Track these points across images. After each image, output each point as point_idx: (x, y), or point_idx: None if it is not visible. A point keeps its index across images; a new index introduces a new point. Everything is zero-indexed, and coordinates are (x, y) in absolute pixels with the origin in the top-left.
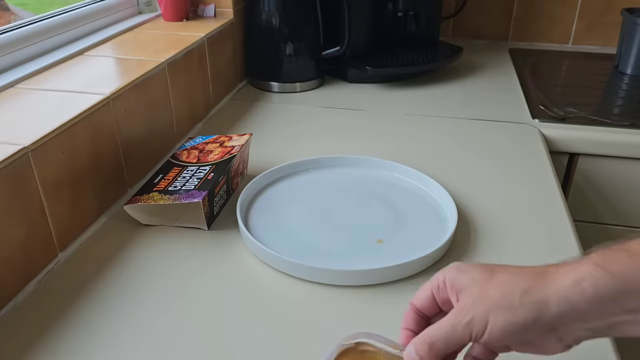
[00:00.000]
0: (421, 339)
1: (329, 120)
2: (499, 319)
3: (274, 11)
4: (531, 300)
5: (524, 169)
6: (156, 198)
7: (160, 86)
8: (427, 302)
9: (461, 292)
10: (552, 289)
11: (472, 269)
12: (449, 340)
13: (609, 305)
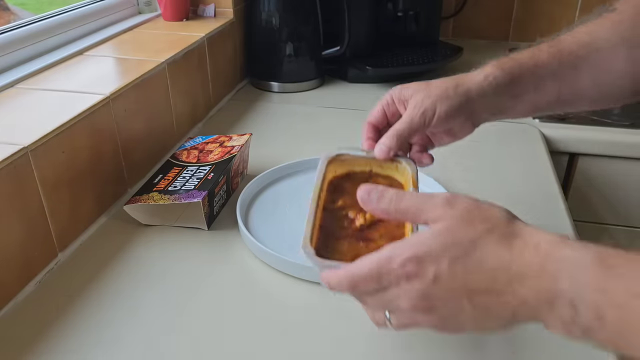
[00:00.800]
0: (389, 134)
1: (329, 120)
2: (442, 106)
3: (274, 11)
4: (461, 91)
5: (525, 169)
6: (156, 198)
7: (160, 86)
8: (379, 117)
9: (408, 100)
10: (471, 82)
11: (411, 85)
12: (411, 128)
13: (503, 91)
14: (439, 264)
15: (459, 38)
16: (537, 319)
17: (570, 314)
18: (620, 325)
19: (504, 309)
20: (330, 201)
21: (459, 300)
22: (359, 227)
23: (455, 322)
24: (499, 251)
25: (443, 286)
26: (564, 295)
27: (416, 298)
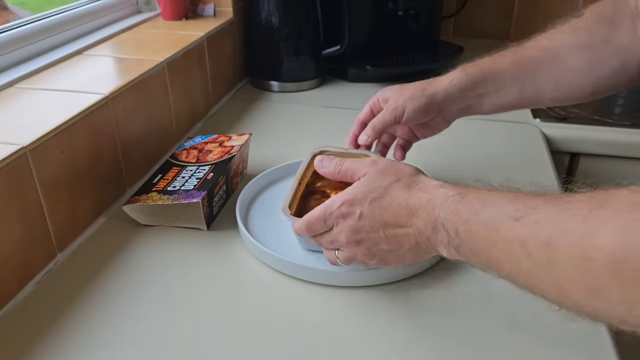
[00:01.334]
0: (367, 127)
1: (329, 120)
2: (411, 105)
3: (273, 10)
4: (428, 93)
5: (526, 169)
6: (155, 198)
7: (160, 86)
8: (366, 114)
9: (387, 100)
10: (438, 86)
11: (391, 87)
12: (384, 122)
13: (467, 91)
14: (363, 205)
15: (460, 37)
16: (431, 244)
17: (445, 235)
18: (468, 236)
19: (408, 238)
20: (311, 182)
21: (377, 232)
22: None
23: (379, 253)
24: (401, 194)
25: (366, 221)
26: (439, 220)
27: (349, 232)
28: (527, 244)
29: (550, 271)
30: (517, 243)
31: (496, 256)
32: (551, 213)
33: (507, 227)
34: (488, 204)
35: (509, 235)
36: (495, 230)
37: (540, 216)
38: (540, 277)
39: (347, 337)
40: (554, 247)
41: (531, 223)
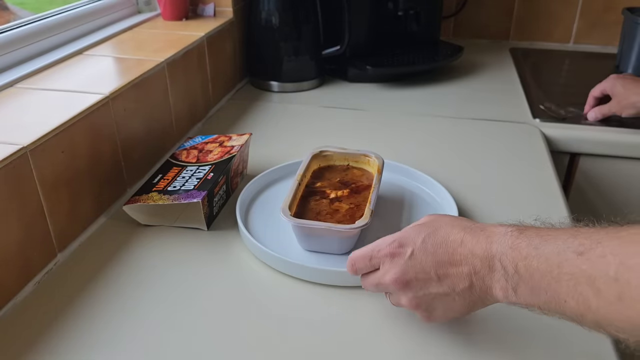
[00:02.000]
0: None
1: (329, 120)
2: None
3: (273, 10)
4: None
5: (525, 169)
6: (155, 198)
7: (160, 86)
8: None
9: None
10: None
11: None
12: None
13: None
14: (414, 243)
15: (460, 37)
16: (486, 286)
17: (502, 273)
18: (528, 272)
19: (461, 279)
20: (311, 183)
21: (428, 272)
22: (331, 198)
23: (426, 298)
24: (456, 231)
25: (417, 261)
26: (496, 256)
27: (397, 273)
28: (595, 280)
29: (621, 307)
30: (584, 279)
31: (560, 294)
32: (616, 246)
33: (571, 262)
34: (549, 239)
35: (574, 271)
36: (558, 266)
37: (605, 250)
38: (610, 314)
39: (348, 336)
40: (623, 282)
41: (597, 257)
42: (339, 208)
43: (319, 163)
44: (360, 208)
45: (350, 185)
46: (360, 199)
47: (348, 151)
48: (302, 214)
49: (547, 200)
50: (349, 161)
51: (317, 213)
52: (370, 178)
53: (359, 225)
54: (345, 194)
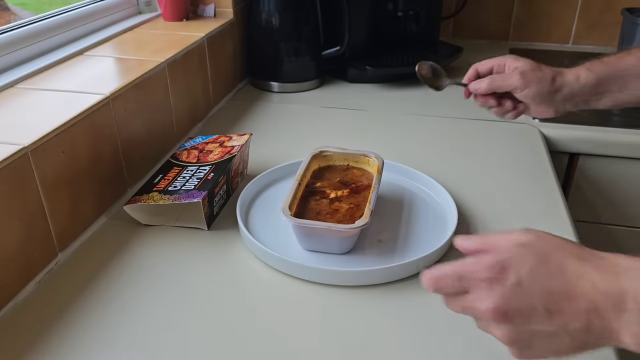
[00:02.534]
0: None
1: (329, 120)
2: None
3: (274, 11)
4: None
5: (525, 169)
6: (156, 198)
7: (160, 86)
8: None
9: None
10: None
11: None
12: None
13: (590, 90)
14: (520, 269)
15: (459, 38)
16: (608, 329)
17: (636, 316)
18: None
19: (577, 316)
20: (311, 183)
21: (534, 304)
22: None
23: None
24: (573, 260)
25: (523, 289)
26: (629, 292)
27: (497, 301)
28: None
29: None
30: None
31: None
32: None
33: None
34: None
35: None
36: None
37: None
38: None
39: (347, 335)
40: None
41: None
42: (339, 208)
43: (319, 163)
44: (360, 208)
45: (350, 185)
46: (360, 199)
47: (348, 151)
48: (302, 214)
49: (547, 201)
50: (348, 161)
51: (317, 213)
52: (370, 178)
53: (358, 225)
54: (345, 194)
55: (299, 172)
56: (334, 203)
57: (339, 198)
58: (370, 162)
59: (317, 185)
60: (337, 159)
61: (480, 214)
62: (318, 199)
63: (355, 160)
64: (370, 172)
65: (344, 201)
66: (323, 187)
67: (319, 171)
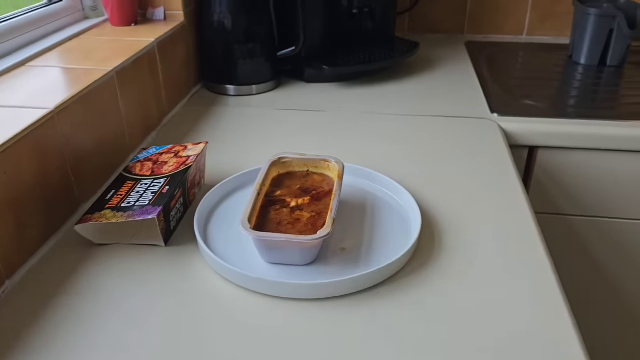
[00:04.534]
0: None
1: (288, 122)
2: None
3: (226, 12)
4: None
5: (485, 165)
6: (109, 216)
7: (110, 96)
8: None
9: None
10: None
11: None
12: None
13: None
14: None
15: (416, 33)
16: None
17: None
18: None
19: None
20: (270, 192)
21: None
22: (292, 207)
23: None
24: None
25: None
26: None
27: None
28: None
29: None
30: None
31: None
32: None
33: None
34: None
35: None
36: None
37: None
38: None
39: (312, 350)
40: None
41: None
42: (300, 217)
43: (278, 170)
44: (322, 216)
45: (310, 192)
46: (321, 206)
47: (307, 157)
48: (262, 225)
49: (509, 195)
50: (308, 167)
51: (278, 223)
52: (331, 184)
53: (320, 235)
54: (306, 202)
55: (257, 181)
56: (295, 212)
57: (299, 207)
58: (330, 166)
59: (277, 193)
60: (296, 165)
61: (443, 214)
62: (278, 208)
63: (315, 165)
64: (331, 177)
65: (305, 210)
66: (283, 195)
67: (278, 178)
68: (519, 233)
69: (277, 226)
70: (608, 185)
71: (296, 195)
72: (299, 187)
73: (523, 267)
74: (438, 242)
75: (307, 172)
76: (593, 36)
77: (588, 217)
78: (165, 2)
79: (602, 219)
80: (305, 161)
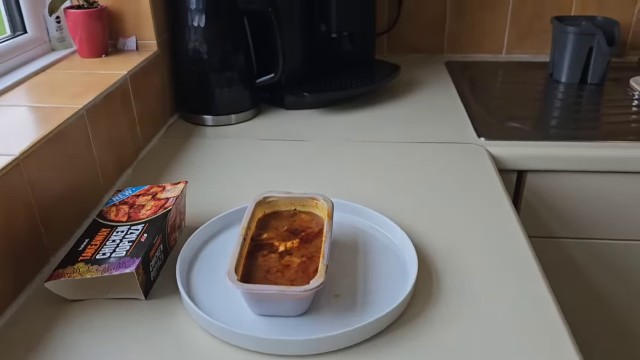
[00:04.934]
0: None
1: (269, 153)
2: None
3: (201, 40)
4: None
5: (477, 193)
6: (82, 270)
7: (80, 136)
8: None
9: None
10: None
11: None
12: None
13: None
14: None
15: (395, 54)
16: None
17: None
18: None
19: None
20: (257, 235)
21: None
22: (280, 252)
23: None
24: None
25: None
26: None
27: None
28: None
29: None
30: None
31: None
32: None
33: None
34: None
35: None
36: None
37: None
38: None
39: None
40: None
41: None
42: (290, 263)
43: (264, 210)
44: (314, 261)
45: (299, 234)
46: (312, 249)
47: (294, 195)
48: (250, 274)
49: (502, 222)
50: (295, 206)
51: (267, 271)
52: (320, 223)
53: (313, 286)
54: (295, 245)
55: (242, 225)
56: (284, 257)
57: (289, 251)
58: (319, 205)
59: (264, 236)
60: (282, 204)
61: (438, 250)
62: (266, 254)
63: (303, 204)
64: (319, 216)
65: (295, 254)
66: (270, 238)
67: (264, 219)
68: (517, 266)
69: (265, 274)
70: (599, 206)
71: (284, 237)
72: (286, 229)
73: (525, 305)
74: (436, 283)
75: (295, 211)
76: (573, 54)
77: (580, 239)
78: (136, 32)
79: (594, 241)
80: (292, 200)
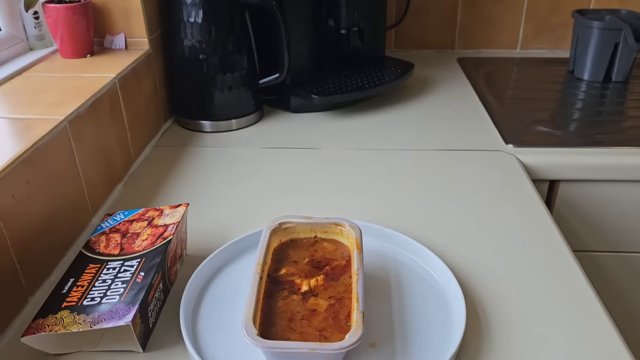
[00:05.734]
0: None
1: (275, 166)
2: None
3: (197, 38)
4: None
5: (514, 210)
6: (67, 322)
7: (62, 151)
8: None
9: None
10: None
11: None
12: None
13: None
14: None
15: (403, 49)
16: None
17: None
18: None
19: None
20: (274, 270)
21: None
22: (303, 292)
23: None
24: None
25: None
26: None
27: None
28: None
29: None
30: None
31: None
32: None
33: None
34: None
35: None
36: None
37: None
38: None
39: None
40: None
41: None
42: (317, 307)
43: (280, 238)
44: (344, 303)
45: (323, 267)
46: (340, 288)
47: (314, 221)
48: (270, 323)
49: (544, 238)
50: (316, 232)
51: (290, 319)
52: (346, 253)
53: (351, 342)
54: (321, 283)
55: (257, 261)
56: (308, 299)
57: (313, 291)
58: (344, 232)
59: (282, 272)
60: (301, 230)
61: (481, 281)
62: (287, 295)
63: (325, 230)
64: (344, 244)
65: (321, 295)
66: (290, 274)
67: (280, 249)
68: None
69: (289, 323)
70: (638, 217)
71: (306, 273)
72: (308, 261)
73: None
74: (485, 326)
75: (315, 238)
76: (597, 51)
77: (614, 253)
78: (125, 28)
79: (633, 254)
80: (312, 226)
